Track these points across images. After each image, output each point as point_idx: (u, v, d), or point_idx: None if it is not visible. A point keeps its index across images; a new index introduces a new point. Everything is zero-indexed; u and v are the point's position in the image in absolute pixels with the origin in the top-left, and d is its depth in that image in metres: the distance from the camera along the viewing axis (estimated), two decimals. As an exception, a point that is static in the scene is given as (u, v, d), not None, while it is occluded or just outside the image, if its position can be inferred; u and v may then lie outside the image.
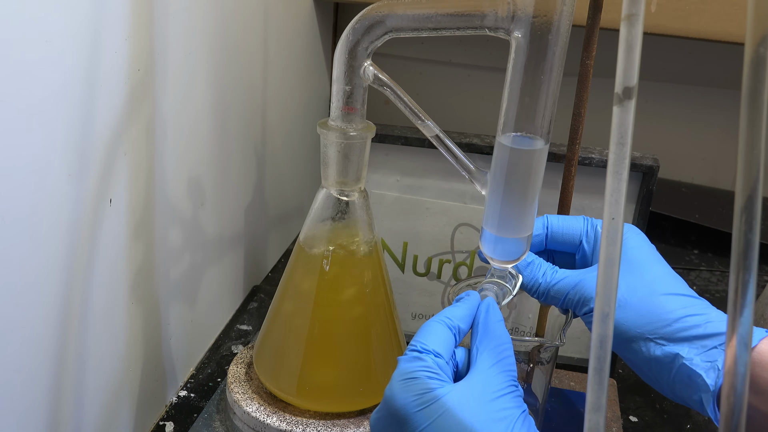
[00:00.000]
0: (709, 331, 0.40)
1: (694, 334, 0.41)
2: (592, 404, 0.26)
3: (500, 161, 0.42)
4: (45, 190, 0.38)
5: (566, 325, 0.48)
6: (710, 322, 0.41)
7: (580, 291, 0.45)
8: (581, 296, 0.45)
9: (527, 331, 0.60)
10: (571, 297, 0.45)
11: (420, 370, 0.36)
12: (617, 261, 0.25)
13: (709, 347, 0.40)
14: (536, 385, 0.52)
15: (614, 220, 0.25)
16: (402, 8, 0.42)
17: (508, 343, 0.39)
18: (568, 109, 0.50)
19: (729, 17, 0.73)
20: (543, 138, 0.41)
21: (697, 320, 0.41)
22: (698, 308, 0.42)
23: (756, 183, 0.21)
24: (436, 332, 0.38)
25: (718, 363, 0.39)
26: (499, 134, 0.42)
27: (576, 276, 0.45)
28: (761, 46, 0.20)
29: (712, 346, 0.40)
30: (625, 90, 0.24)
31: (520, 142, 0.41)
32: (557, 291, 0.46)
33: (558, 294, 0.46)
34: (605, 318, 0.25)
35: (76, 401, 0.45)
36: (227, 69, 0.60)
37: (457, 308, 0.40)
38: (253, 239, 0.73)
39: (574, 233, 0.48)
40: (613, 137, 0.25)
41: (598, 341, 0.25)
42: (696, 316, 0.41)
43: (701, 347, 0.40)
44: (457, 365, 0.39)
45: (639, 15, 0.23)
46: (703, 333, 0.40)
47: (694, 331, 0.41)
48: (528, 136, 0.41)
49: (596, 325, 0.25)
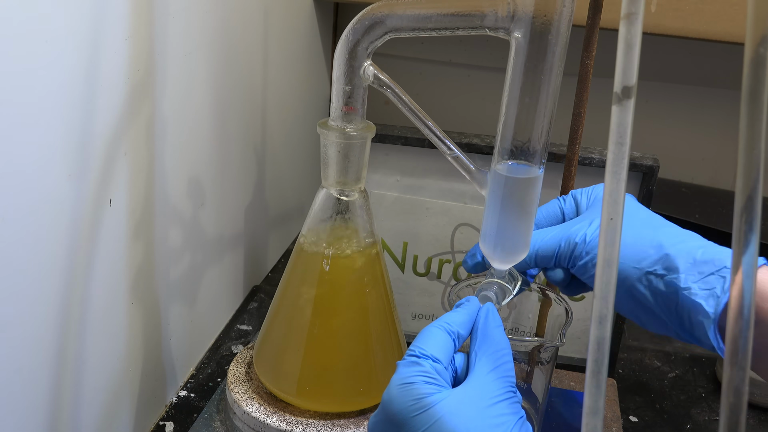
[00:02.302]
0: (705, 258, 0.41)
1: (690, 261, 0.41)
2: (589, 407, 0.26)
3: (496, 189, 0.43)
4: (45, 190, 0.38)
5: (566, 325, 0.48)
6: (704, 248, 0.41)
7: (570, 242, 0.45)
8: (570, 247, 0.44)
9: (527, 331, 0.60)
10: (563, 251, 0.45)
11: (417, 375, 0.36)
12: (615, 262, 0.25)
13: (706, 273, 0.40)
14: (536, 385, 0.52)
15: (612, 221, 0.25)
16: (402, 8, 0.42)
17: (507, 348, 0.39)
18: (568, 109, 0.50)
19: (729, 17, 0.73)
20: (537, 165, 0.42)
21: (691, 246, 0.42)
22: (692, 237, 0.43)
23: (756, 183, 0.21)
24: (435, 337, 0.38)
25: (717, 290, 0.40)
26: (495, 163, 0.42)
27: (562, 229, 0.45)
28: (761, 46, 0.20)
29: (710, 272, 0.40)
30: (624, 89, 0.24)
31: (516, 170, 0.42)
32: (546, 250, 0.45)
33: (548, 252, 0.46)
34: (603, 320, 0.25)
35: (75, 401, 0.45)
36: (227, 69, 0.60)
37: (457, 314, 0.40)
38: (253, 239, 0.73)
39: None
40: (611, 137, 0.24)
41: (596, 343, 0.25)
42: (690, 242, 0.42)
43: (698, 274, 0.41)
44: (456, 370, 0.39)
45: (638, 14, 0.23)
46: (700, 259, 0.41)
47: (689, 257, 0.41)
48: (523, 164, 0.42)
49: (594, 328, 0.25)
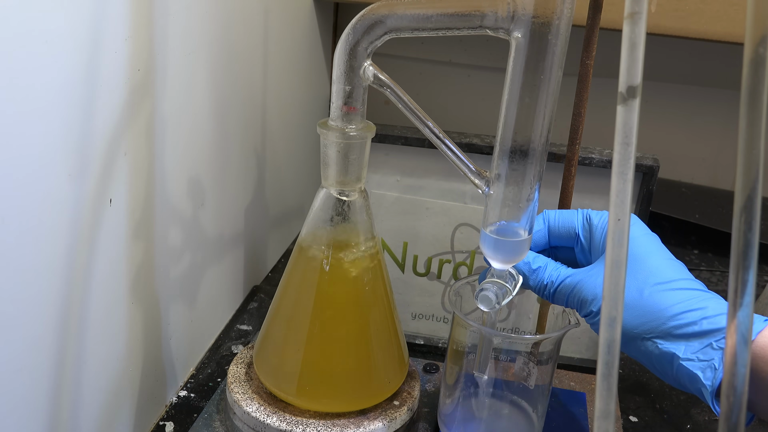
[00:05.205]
0: (705, 328, 0.40)
1: (690, 332, 0.40)
2: (600, 411, 0.25)
3: (485, 245, 0.45)
4: (45, 190, 0.38)
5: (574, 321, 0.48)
6: (706, 318, 0.40)
7: (579, 293, 0.45)
8: (580, 298, 0.45)
9: (527, 331, 0.60)
10: (572, 299, 0.45)
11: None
12: (624, 263, 0.25)
13: (705, 344, 0.40)
14: (537, 386, 0.52)
15: (620, 221, 0.25)
16: (402, 8, 0.42)
17: None
18: (568, 109, 0.50)
19: (729, 17, 0.73)
20: (525, 227, 0.44)
21: (693, 316, 0.41)
22: (695, 302, 0.41)
23: (755, 183, 0.21)
24: None
25: (715, 362, 0.39)
26: (485, 225, 0.45)
27: (575, 277, 0.45)
28: (761, 46, 0.20)
29: (708, 344, 0.40)
30: (629, 89, 0.24)
31: (504, 230, 0.44)
32: (560, 293, 0.46)
33: (560, 296, 0.46)
34: (612, 322, 0.25)
35: (75, 401, 0.45)
36: (227, 69, 0.60)
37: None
38: (253, 239, 0.73)
39: (570, 227, 0.48)
40: (617, 137, 0.24)
41: (606, 346, 0.25)
42: (692, 312, 0.41)
43: (698, 344, 0.40)
44: None
45: (642, 13, 0.23)
46: (699, 330, 0.40)
47: (690, 328, 0.41)
48: (512, 224, 0.44)
49: (603, 330, 0.25)
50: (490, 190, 0.44)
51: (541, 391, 0.52)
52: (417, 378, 0.56)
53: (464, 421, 0.53)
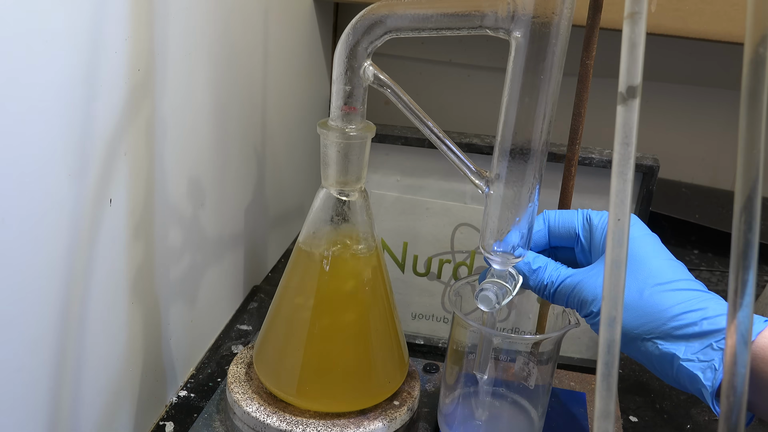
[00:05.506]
0: (705, 329, 0.40)
1: (690, 333, 0.40)
2: (600, 411, 0.25)
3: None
4: (45, 190, 0.38)
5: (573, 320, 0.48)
6: (706, 319, 0.40)
7: (579, 293, 0.45)
8: (580, 298, 0.45)
9: (527, 331, 0.60)
10: (572, 300, 0.45)
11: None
12: (624, 263, 0.25)
13: (705, 345, 0.40)
14: (537, 386, 0.52)
15: (620, 221, 0.25)
16: (402, 8, 0.42)
17: None
18: (568, 109, 0.50)
19: (729, 17, 0.73)
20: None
21: (693, 317, 0.41)
22: (695, 302, 0.41)
23: (755, 183, 0.21)
24: None
25: (715, 362, 0.39)
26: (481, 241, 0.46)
27: (575, 277, 0.45)
28: (761, 46, 0.20)
29: (708, 344, 0.40)
30: (629, 89, 0.24)
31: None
32: (560, 293, 0.46)
33: (560, 296, 0.46)
34: (612, 322, 0.25)
35: (75, 401, 0.45)
36: (227, 69, 0.60)
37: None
38: (253, 239, 0.73)
39: (570, 227, 0.48)
40: (617, 137, 0.24)
41: (606, 346, 0.25)
42: (692, 313, 0.41)
43: (699, 345, 0.40)
44: None
45: (642, 13, 0.23)
46: (699, 331, 0.40)
47: (690, 329, 0.41)
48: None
49: (603, 330, 0.25)
50: (490, 190, 0.44)
51: (541, 391, 0.52)
52: (417, 378, 0.56)
53: (464, 421, 0.53)
